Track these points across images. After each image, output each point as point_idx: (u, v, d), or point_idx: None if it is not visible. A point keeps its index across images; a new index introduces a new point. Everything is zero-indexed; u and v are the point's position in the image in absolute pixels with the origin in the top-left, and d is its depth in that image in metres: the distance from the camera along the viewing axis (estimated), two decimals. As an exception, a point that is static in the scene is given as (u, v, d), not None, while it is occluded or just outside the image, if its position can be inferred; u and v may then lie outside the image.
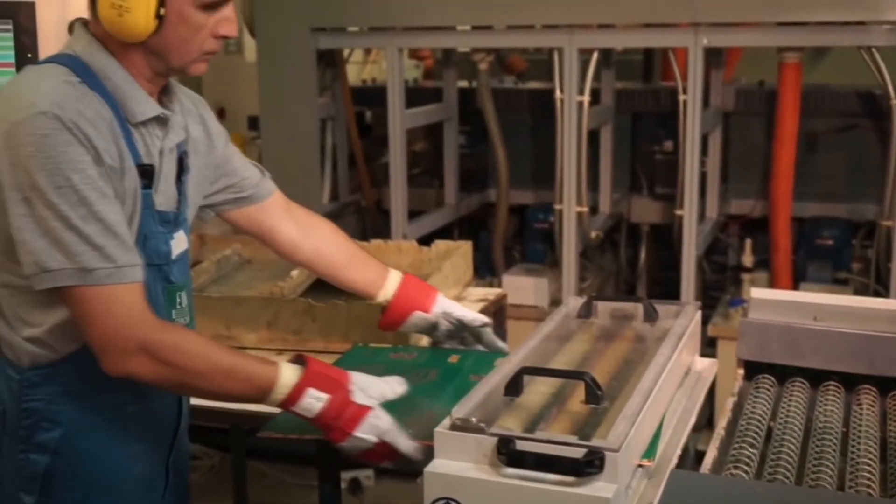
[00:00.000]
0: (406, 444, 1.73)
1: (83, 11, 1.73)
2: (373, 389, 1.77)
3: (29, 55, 2.52)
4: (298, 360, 1.77)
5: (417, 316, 2.17)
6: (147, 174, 1.74)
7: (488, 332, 2.21)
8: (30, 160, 1.58)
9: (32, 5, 2.50)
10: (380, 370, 1.98)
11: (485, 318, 2.22)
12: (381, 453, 1.75)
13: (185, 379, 1.69)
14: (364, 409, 1.73)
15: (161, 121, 1.79)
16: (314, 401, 1.71)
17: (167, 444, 1.91)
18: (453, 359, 2.16)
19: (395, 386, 1.81)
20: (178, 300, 1.84)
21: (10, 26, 2.45)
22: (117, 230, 1.64)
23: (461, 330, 2.20)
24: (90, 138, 1.62)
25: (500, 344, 2.21)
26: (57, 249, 1.59)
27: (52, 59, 1.72)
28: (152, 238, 1.76)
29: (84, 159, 1.61)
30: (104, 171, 1.64)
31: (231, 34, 1.75)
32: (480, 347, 2.21)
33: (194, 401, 1.98)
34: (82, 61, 1.70)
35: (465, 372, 2.08)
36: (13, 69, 2.52)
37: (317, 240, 2.16)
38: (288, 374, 1.72)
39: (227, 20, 1.74)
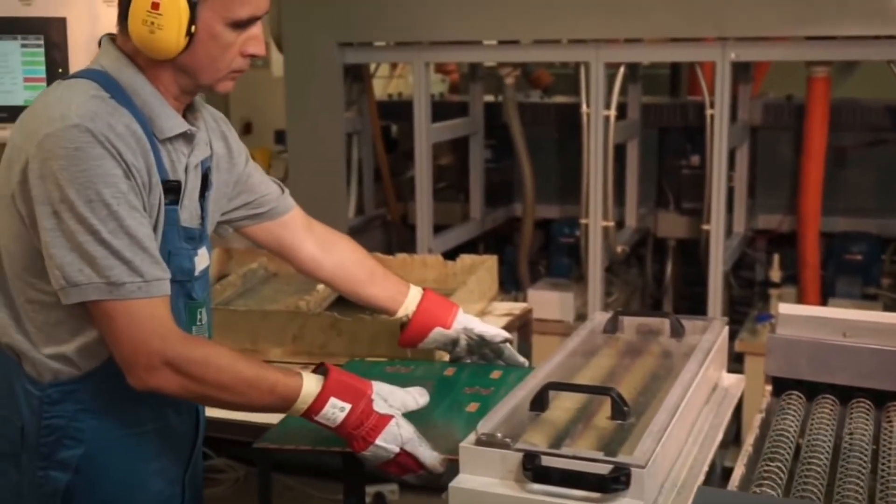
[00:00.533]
0: (428, 454, 1.74)
1: (113, 27, 1.75)
2: (394, 399, 1.78)
3: (60, 70, 2.54)
4: (320, 368, 1.77)
5: (438, 332, 2.17)
6: (174, 190, 1.75)
7: (509, 348, 2.21)
8: (61, 173, 1.58)
9: (63, 21, 2.53)
10: None
11: (506, 334, 2.22)
12: (403, 465, 1.75)
13: (210, 392, 1.69)
14: (386, 418, 1.73)
15: (187, 137, 1.79)
16: (337, 410, 1.71)
17: (185, 461, 1.91)
18: (449, 372, 2.16)
19: (416, 396, 1.82)
20: (198, 317, 1.85)
21: (42, 42, 2.48)
22: (146, 244, 1.65)
23: (482, 346, 2.20)
24: (121, 153, 1.63)
25: (520, 359, 2.21)
26: (85, 263, 1.60)
27: (81, 74, 1.72)
28: (177, 254, 1.77)
29: (115, 173, 1.61)
30: (134, 185, 1.65)
31: (259, 52, 1.75)
32: (501, 363, 2.21)
33: (219, 413, 1.98)
34: (111, 77, 1.71)
35: (460, 385, 2.08)
36: (44, 83, 2.55)
37: (337, 256, 2.16)
38: (311, 383, 1.72)
39: (255, 38, 1.75)
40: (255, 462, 3.56)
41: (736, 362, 3.95)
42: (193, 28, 1.67)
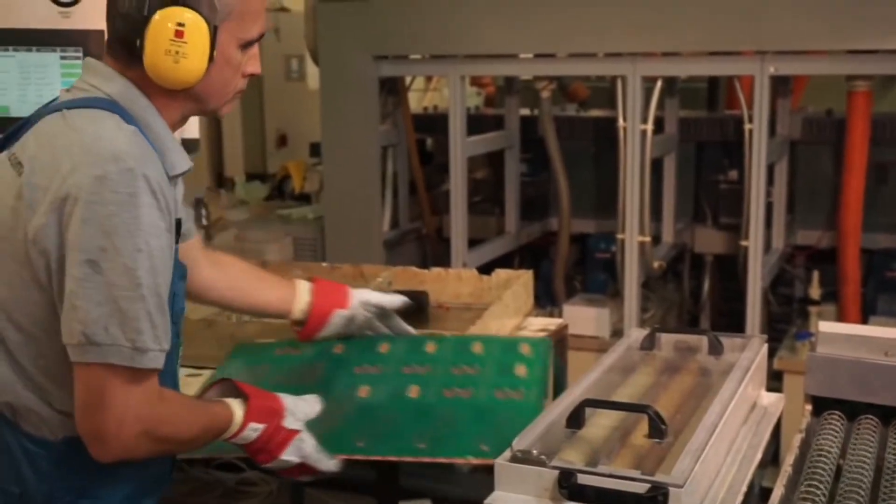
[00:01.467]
0: (326, 464, 1.78)
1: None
2: (300, 412, 1.79)
3: (98, 82, 2.56)
4: (234, 390, 1.76)
5: (338, 315, 2.17)
6: (178, 229, 1.65)
7: (396, 318, 2.23)
8: (110, 219, 1.46)
9: (102, 33, 2.54)
10: (266, 370, 2.07)
11: (404, 298, 2.25)
12: (301, 471, 1.80)
13: (174, 448, 1.69)
14: (291, 434, 1.76)
15: None
16: (252, 432, 1.72)
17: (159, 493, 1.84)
18: (338, 349, 2.16)
19: (314, 405, 1.84)
20: (178, 356, 1.79)
21: (81, 53, 2.49)
22: (166, 308, 1.56)
23: (380, 317, 2.21)
24: (167, 202, 1.54)
25: (407, 328, 2.25)
26: (114, 321, 1.47)
27: (94, 104, 1.58)
28: (178, 295, 1.69)
29: (161, 225, 1.52)
30: (171, 238, 1.57)
31: (258, 71, 1.71)
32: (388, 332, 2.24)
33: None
34: (122, 107, 1.59)
35: (350, 364, 2.09)
36: (82, 96, 2.57)
37: (230, 272, 2.12)
38: (238, 412, 1.72)
39: (255, 58, 1.71)
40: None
41: (775, 381, 3.90)
42: (214, 53, 1.60)
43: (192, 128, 2.48)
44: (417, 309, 2.90)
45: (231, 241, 4.71)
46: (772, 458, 2.85)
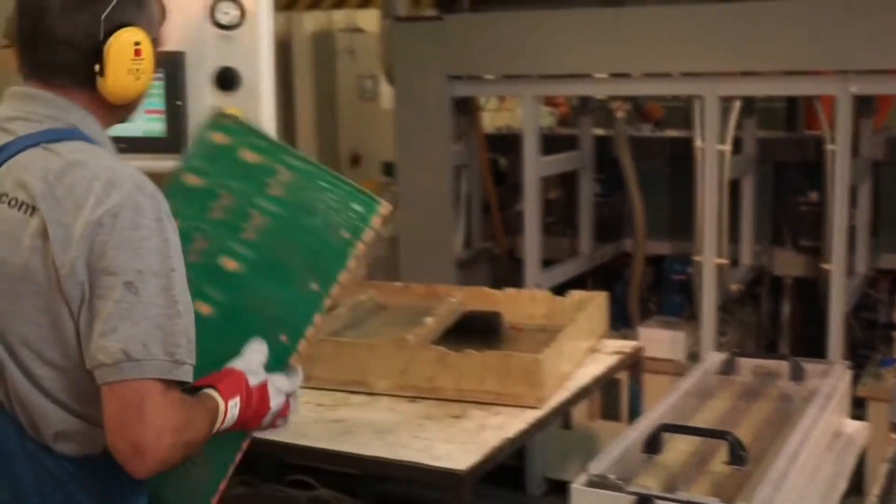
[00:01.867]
0: (299, 376, 1.82)
1: (231, 60, 1.74)
2: (254, 364, 1.77)
3: (178, 102, 2.60)
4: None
5: None
6: None
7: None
8: (144, 243, 1.53)
9: (182, 55, 2.59)
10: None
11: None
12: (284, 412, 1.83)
13: (193, 452, 1.64)
14: (263, 387, 1.76)
15: None
16: (234, 408, 1.70)
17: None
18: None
19: (259, 352, 1.79)
20: None
21: (163, 75, 2.54)
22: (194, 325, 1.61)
23: None
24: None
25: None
26: (153, 338, 1.51)
27: (68, 136, 1.62)
28: None
29: (180, 246, 1.60)
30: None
31: None
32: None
33: (324, 443, 1.98)
34: (86, 135, 1.64)
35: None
36: (163, 115, 2.61)
37: None
38: (216, 396, 1.69)
39: None
40: (358, 495, 3.57)
41: (858, 408, 3.78)
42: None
43: (269, 147, 2.50)
44: (490, 329, 2.89)
45: (305, 260, 4.74)
46: (855, 487, 2.77)
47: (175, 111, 2.60)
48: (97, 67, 1.61)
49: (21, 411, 1.60)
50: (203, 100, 2.58)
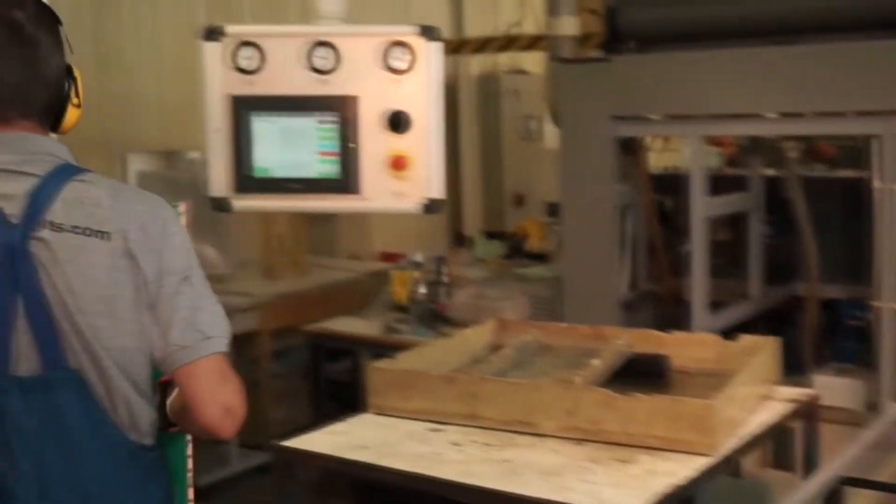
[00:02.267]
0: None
1: (401, 103, 1.77)
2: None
3: (351, 145, 2.67)
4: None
5: None
6: None
7: None
8: (184, 244, 1.80)
9: (356, 99, 2.66)
10: None
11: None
12: None
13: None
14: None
15: None
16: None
17: None
18: None
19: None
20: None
21: (338, 119, 2.62)
22: None
23: None
24: None
25: None
26: (215, 318, 1.78)
27: (79, 171, 1.80)
28: None
29: None
30: None
31: None
32: None
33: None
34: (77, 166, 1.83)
35: None
36: (337, 157, 2.69)
37: None
38: None
39: None
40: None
41: None
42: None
43: (439, 188, 2.55)
44: (658, 373, 2.85)
45: (469, 299, 4.79)
46: None
47: (348, 153, 2.68)
48: (76, 101, 1.85)
49: (126, 416, 1.76)
50: (375, 141, 2.65)
